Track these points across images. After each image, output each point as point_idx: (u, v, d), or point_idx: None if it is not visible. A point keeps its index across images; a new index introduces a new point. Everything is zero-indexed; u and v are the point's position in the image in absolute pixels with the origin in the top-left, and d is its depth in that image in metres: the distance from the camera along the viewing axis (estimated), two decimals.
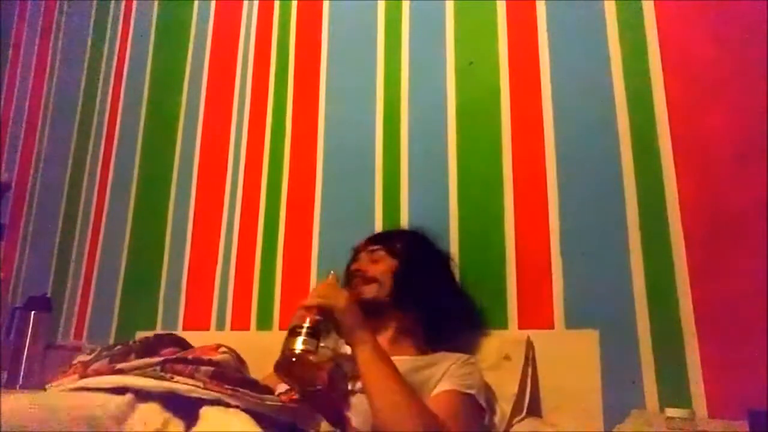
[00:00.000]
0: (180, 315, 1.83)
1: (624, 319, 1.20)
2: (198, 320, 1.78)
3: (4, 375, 1.70)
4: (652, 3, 1.33)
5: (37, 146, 2.55)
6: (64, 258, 2.22)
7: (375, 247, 1.24)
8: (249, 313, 1.69)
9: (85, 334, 2.03)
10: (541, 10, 1.47)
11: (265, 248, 1.73)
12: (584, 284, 1.26)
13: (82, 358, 0.86)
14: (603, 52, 1.36)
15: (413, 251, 1.24)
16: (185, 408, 0.71)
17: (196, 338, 1.70)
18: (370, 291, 1.17)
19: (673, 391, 1.12)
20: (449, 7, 1.61)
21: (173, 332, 0.90)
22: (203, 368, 0.77)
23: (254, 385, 0.80)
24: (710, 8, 1.28)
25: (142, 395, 0.70)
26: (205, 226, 1.88)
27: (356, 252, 1.28)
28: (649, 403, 1.13)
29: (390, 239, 1.26)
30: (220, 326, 1.73)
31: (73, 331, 2.07)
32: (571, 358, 1.22)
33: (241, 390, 0.76)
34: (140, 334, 1.81)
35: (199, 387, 0.73)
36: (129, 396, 0.70)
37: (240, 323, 1.69)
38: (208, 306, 1.77)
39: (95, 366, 0.80)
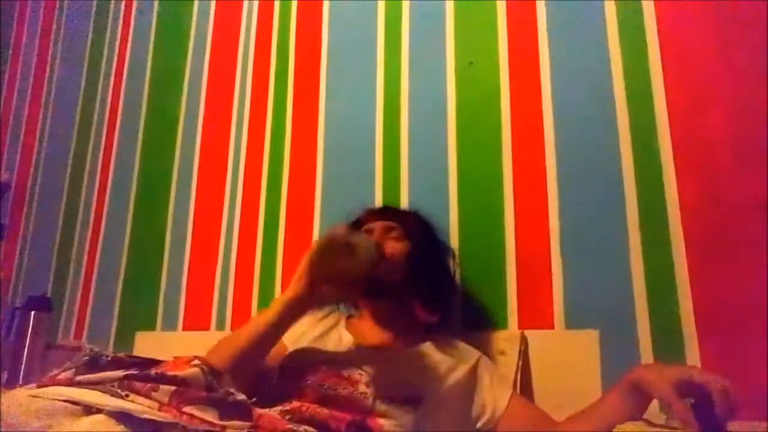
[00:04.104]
0: (180, 315, 1.83)
1: (624, 319, 1.20)
2: (198, 320, 1.78)
3: (4, 375, 1.70)
4: (652, 3, 1.33)
5: (37, 146, 2.55)
6: (64, 258, 2.22)
7: (391, 224, 1.17)
8: (249, 313, 1.69)
9: (85, 334, 2.03)
10: (541, 10, 1.47)
11: (265, 248, 1.73)
12: (584, 284, 1.26)
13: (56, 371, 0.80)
14: (603, 52, 1.36)
15: (425, 236, 1.21)
16: (149, 427, 0.67)
17: (196, 338, 1.72)
18: (392, 269, 1.10)
19: None
20: (449, 7, 1.61)
21: (153, 358, 0.81)
22: (163, 387, 0.71)
23: (220, 404, 0.73)
24: (710, 8, 1.28)
25: (93, 411, 0.66)
26: (205, 226, 1.88)
27: (362, 222, 1.21)
28: None
29: (402, 218, 1.21)
30: (220, 326, 1.73)
31: (73, 331, 2.07)
32: (571, 358, 1.22)
33: (197, 415, 0.69)
34: (140, 335, 1.83)
35: (153, 408, 0.68)
36: (63, 404, 0.65)
37: (240, 323, 1.66)
38: (208, 306, 1.77)
39: (60, 376, 0.75)
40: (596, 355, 1.18)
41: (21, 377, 1.66)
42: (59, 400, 0.66)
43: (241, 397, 0.78)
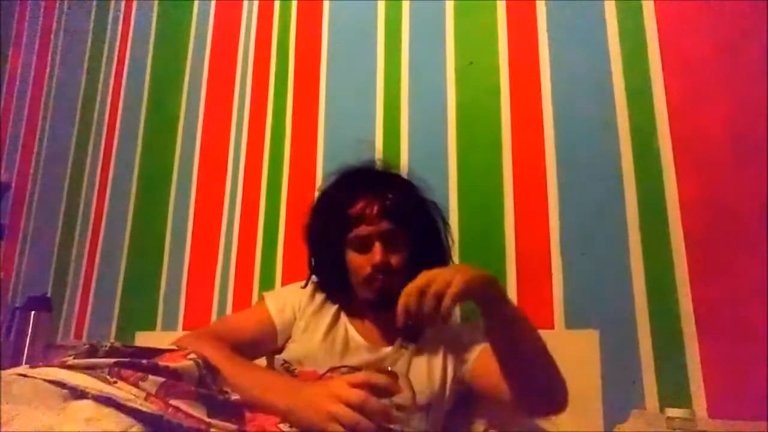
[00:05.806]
0: (180, 315, 1.83)
1: (624, 319, 1.20)
2: (198, 320, 1.78)
3: None
4: (652, 3, 1.33)
5: (37, 146, 2.55)
6: (64, 258, 2.22)
7: (391, 227, 1.08)
8: None
9: (85, 334, 2.03)
10: (541, 10, 1.47)
11: (265, 248, 1.73)
12: (584, 284, 1.26)
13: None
14: (603, 52, 1.36)
15: (425, 231, 1.13)
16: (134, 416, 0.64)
17: None
18: (397, 281, 1.00)
19: (673, 391, 1.12)
20: (449, 7, 1.61)
21: (152, 347, 0.80)
22: (152, 378, 0.69)
23: (210, 401, 0.71)
24: (710, 8, 1.28)
25: (79, 394, 0.65)
26: (205, 226, 1.88)
27: (361, 216, 1.10)
28: (649, 403, 1.13)
29: (403, 214, 1.09)
30: None
31: (73, 331, 2.07)
32: (571, 358, 1.21)
33: (184, 409, 0.67)
34: (140, 335, 1.82)
35: (139, 397, 0.66)
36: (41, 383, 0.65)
37: None
38: (208, 306, 1.77)
39: (56, 361, 0.73)
40: (596, 355, 1.18)
41: None
42: (46, 381, 0.65)
43: (236, 397, 0.76)
